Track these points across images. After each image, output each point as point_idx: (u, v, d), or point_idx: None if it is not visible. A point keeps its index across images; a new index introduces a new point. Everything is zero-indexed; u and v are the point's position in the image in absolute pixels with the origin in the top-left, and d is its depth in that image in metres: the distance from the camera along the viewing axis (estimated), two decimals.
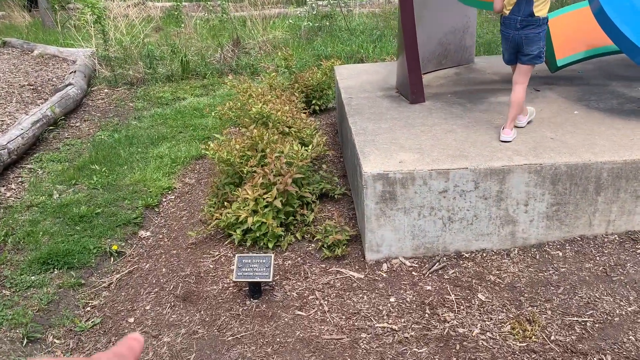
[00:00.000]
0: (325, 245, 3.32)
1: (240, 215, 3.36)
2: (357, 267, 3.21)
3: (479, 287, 2.95)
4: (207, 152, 3.68)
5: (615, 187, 3.14)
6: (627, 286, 2.86)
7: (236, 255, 3.01)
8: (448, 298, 2.88)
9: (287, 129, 4.30)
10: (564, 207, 3.17)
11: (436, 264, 3.17)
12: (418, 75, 4.20)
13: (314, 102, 6.03)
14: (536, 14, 3.30)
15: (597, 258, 3.09)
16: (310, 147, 3.84)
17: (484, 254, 3.23)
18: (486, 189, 3.11)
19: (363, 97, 4.53)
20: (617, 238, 3.23)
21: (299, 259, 3.31)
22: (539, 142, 3.36)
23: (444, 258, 3.23)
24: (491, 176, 3.08)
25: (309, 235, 3.51)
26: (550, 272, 3.01)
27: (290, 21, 11.48)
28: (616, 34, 3.62)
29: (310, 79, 6.01)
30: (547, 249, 3.21)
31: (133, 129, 6.05)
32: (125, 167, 4.92)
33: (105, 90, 7.78)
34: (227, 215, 3.45)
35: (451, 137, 3.51)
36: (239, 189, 3.55)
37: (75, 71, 7.68)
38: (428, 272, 3.11)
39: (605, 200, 3.17)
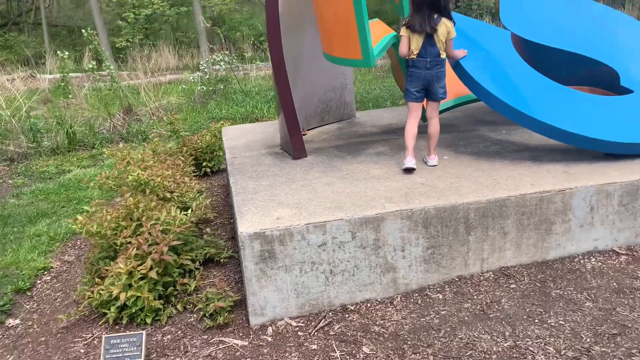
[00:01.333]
0: (206, 315, 3.16)
1: (113, 292, 3.14)
2: (241, 334, 3.07)
3: (364, 339, 2.91)
4: (75, 227, 3.45)
5: (483, 226, 3.27)
6: (503, 322, 2.93)
7: (103, 336, 2.79)
8: (333, 355, 2.81)
9: (168, 195, 4.17)
10: (439, 249, 3.25)
11: (322, 321, 3.10)
12: (297, 132, 4.25)
13: (204, 164, 5.94)
14: (441, 56, 3.73)
15: (475, 297, 3.16)
16: (189, 211, 3.72)
17: (369, 304, 3.21)
18: (363, 238, 3.13)
19: (247, 156, 4.51)
20: (492, 275, 3.34)
21: (180, 332, 3.12)
22: (411, 188, 3.46)
23: (330, 313, 3.17)
24: (366, 225, 3.11)
25: (190, 306, 3.34)
26: (432, 316, 3.04)
27: (184, 86, 11.45)
28: (471, 82, 3.88)
29: (199, 141, 5.94)
30: (428, 293, 3.24)
31: (10, 207, 5.64)
32: None
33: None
34: (100, 292, 3.22)
35: (329, 189, 3.53)
36: (113, 262, 3.34)
37: None
38: (314, 331, 3.03)
39: (477, 239, 3.28)
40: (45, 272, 4.18)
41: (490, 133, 4.61)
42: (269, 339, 2.99)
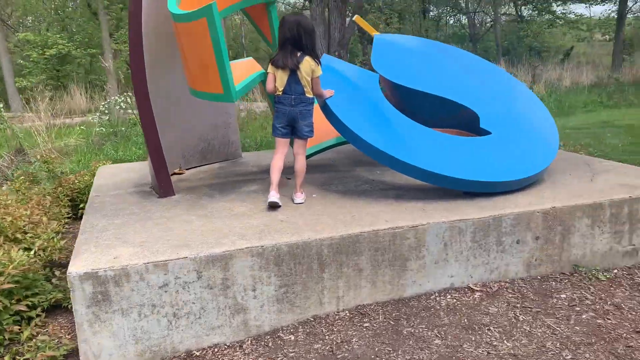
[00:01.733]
0: None
1: None
2: None
3: None
4: None
5: (337, 263, 3.21)
6: None
7: None
8: None
9: (20, 236, 3.85)
10: (292, 287, 3.14)
11: None
12: (164, 170, 4.09)
13: (81, 205, 5.61)
14: (306, 94, 3.75)
15: (327, 337, 3.05)
16: (32, 252, 3.43)
17: (216, 349, 3.02)
18: (210, 278, 2.97)
19: (111, 195, 4.28)
20: (348, 314, 3.26)
21: None
22: (269, 224, 3.36)
23: None
24: (214, 263, 2.96)
25: (21, 357, 3.01)
26: (280, 359, 2.89)
27: (83, 127, 11.04)
28: (336, 121, 3.91)
29: (76, 182, 5.63)
30: (281, 334, 3.11)
31: None
32: None
33: None
34: None
35: (184, 227, 3.37)
36: None
37: None
38: None
39: (331, 277, 3.21)
40: None
41: (365, 173, 4.64)
42: None
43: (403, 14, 29.71)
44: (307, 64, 3.73)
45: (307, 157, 4.64)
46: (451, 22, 36.08)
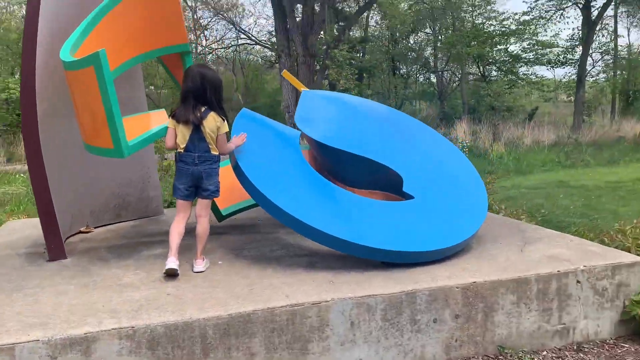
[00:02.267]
0: None
1: None
2: None
3: None
4: None
5: (225, 347, 2.81)
6: None
7: None
8: None
9: None
10: None
11: None
12: (54, 230, 3.70)
13: None
14: (211, 152, 3.47)
15: None
16: None
17: None
18: None
19: (1, 256, 3.84)
20: None
21: None
22: (152, 298, 2.97)
23: None
24: (72, 347, 2.54)
25: None
26: None
27: (23, 175, 10.57)
28: (245, 180, 3.59)
29: None
30: None
31: None
32: None
33: None
34: None
35: (55, 300, 2.95)
36: None
37: None
38: None
39: None
40: None
41: (286, 236, 4.30)
42: None
43: (372, 71, 30.30)
44: (211, 120, 3.43)
45: (228, 215, 4.32)
46: (421, 79, 36.93)
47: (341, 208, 3.62)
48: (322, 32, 22.01)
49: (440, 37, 28.46)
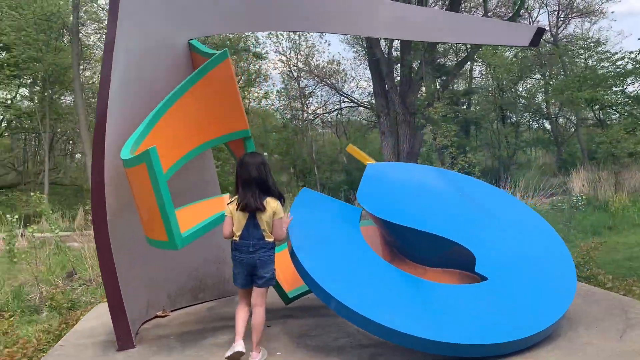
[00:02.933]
0: None
1: None
2: None
3: None
4: None
5: None
6: None
7: None
8: None
9: None
10: None
11: None
12: (122, 319, 3.79)
13: None
14: (266, 239, 3.42)
15: None
16: None
17: None
18: None
19: (77, 344, 4.00)
20: None
21: None
22: None
23: None
24: None
25: None
26: None
27: None
28: (300, 267, 3.48)
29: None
30: None
31: None
32: None
33: None
34: None
35: None
36: None
37: None
38: None
39: None
40: None
41: (348, 324, 4.06)
42: None
43: (479, 122, 29.42)
44: (269, 207, 3.41)
45: (295, 297, 4.21)
46: (535, 126, 35.19)
47: (403, 296, 3.35)
48: (422, 89, 21.94)
49: (550, 83, 27.13)
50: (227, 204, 3.54)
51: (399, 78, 22.12)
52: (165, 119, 3.73)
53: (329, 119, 31.81)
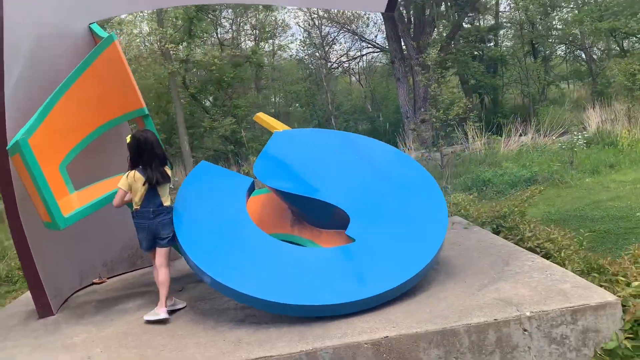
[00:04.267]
0: None
1: None
2: None
3: None
4: None
5: None
6: None
7: None
8: None
9: None
10: None
11: None
12: (39, 289, 4.18)
13: None
14: (164, 204, 3.83)
15: None
16: None
17: None
18: None
19: (11, 313, 4.46)
20: None
21: None
22: None
23: None
24: None
25: None
26: None
27: None
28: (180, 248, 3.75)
29: None
30: None
31: None
32: None
33: None
34: None
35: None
36: None
37: None
38: None
39: None
40: None
41: None
42: None
43: (505, 60, 28.31)
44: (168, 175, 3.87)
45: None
46: (570, 58, 33.60)
47: (263, 263, 3.56)
48: (435, 30, 21.33)
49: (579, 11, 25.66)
50: (122, 179, 3.74)
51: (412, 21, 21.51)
52: (58, 107, 3.97)
53: (352, 67, 31.42)
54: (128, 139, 3.74)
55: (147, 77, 20.56)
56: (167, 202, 3.84)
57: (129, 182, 3.75)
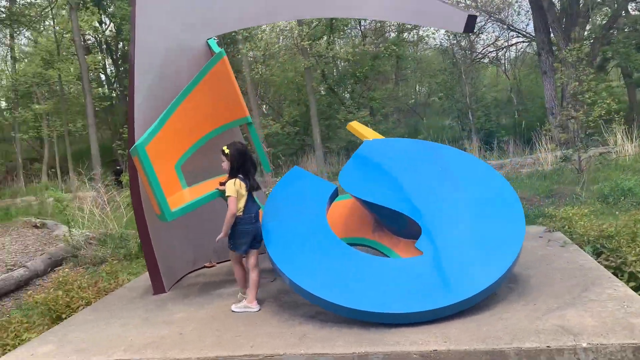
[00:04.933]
0: None
1: None
2: None
3: None
4: None
5: None
6: None
7: None
8: None
9: None
10: None
11: None
12: (154, 269, 4.89)
13: None
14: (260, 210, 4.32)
15: None
16: None
17: None
18: None
19: (133, 288, 5.25)
20: None
21: None
22: (166, 337, 3.81)
23: None
24: None
25: None
26: None
27: None
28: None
29: None
30: None
31: None
32: None
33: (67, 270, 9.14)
34: None
35: (113, 331, 4.05)
36: None
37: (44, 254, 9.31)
38: None
39: None
40: None
41: None
42: None
43: None
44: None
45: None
46: None
47: (338, 270, 3.83)
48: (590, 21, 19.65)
49: None
50: (230, 186, 4.16)
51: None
52: (176, 114, 4.59)
53: (499, 57, 30.05)
54: (225, 149, 4.20)
55: (289, 69, 21.66)
56: (259, 210, 4.31)
57: (236, 189, 4.16)
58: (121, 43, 25.21)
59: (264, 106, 25.23)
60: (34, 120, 23.57)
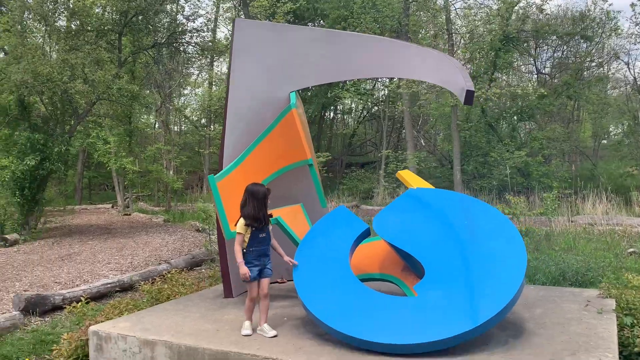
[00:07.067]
0: None
1: None
2: None
3: None
4: None
5: None
6: None
7: None
8: None
9: None
10: None
11: None
12: (225, 276, 5.95)
13: None
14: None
15: None
16: None
17: None
18: (146, 354, 4.71)
19: (211, 290, 6.38)
20: None
21: None
22: (211, 330, 4.80)
23: None
24: (146, 345, 4.70)
25: None
26: None
27: None
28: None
29: None
30: None
31: None
32: None
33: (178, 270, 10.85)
34: None
35: (174, 319, 5.16)
36: None
37: None
38: None
39: None
40: None
41: None
42: None
43: None
44: None
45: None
46: None
47: (353, 306, 4.40)
48: None
49: None
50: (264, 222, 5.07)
51: None
52: (252, 155, 5.66)
53: None
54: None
55: (442, 107, 21.97)
56: None
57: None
58: None
59: (421, 140, 25.79)
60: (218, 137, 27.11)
